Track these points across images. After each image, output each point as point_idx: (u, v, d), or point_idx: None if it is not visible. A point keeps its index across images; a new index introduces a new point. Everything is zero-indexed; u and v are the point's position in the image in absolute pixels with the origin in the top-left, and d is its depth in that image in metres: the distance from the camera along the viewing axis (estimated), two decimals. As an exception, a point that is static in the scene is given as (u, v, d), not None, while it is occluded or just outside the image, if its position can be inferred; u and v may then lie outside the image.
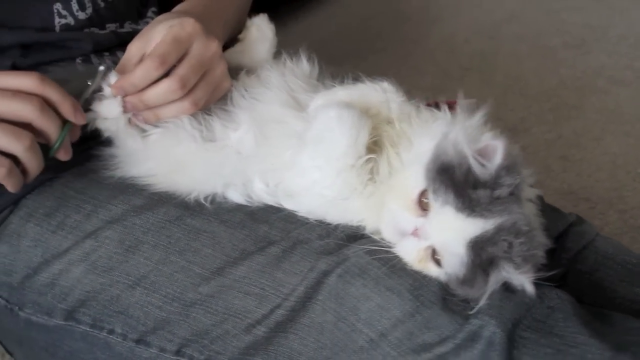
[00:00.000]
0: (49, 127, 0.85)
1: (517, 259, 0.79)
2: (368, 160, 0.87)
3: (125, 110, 0.93)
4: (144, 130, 0.97)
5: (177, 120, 0.95)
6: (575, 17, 2.69)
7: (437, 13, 2.84)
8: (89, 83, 0.93)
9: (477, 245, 0.79)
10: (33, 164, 0.86)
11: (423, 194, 0.82)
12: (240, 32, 1.14)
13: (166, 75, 0.92)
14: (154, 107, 0.94)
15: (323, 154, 0.86)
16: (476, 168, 0.79)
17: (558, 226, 0.99)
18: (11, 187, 0.85)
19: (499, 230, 0.78)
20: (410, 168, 0.85)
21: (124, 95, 0.92)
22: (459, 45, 2.50)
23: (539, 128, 1.90)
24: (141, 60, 0.93)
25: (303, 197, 0.90)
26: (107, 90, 0.92)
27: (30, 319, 0.97)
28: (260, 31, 1.10)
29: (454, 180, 0.80)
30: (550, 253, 0.94)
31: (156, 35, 0.93)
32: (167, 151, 0.95)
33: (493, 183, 0.79)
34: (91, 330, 0.94)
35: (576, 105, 2.05)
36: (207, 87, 0.95)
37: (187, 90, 0.93)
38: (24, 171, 0.87)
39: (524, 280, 0.78)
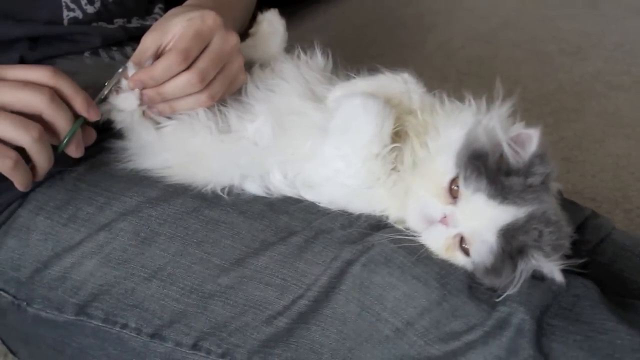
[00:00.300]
0: (59, 119, 0.83)
1: (547, 248, 0.78)
2: (392, 149, 0.86)
3: (141, 102, 0.92)
4: (157, 122, 0.96)
5: (191, 113, 0.94)
6: (571, 25, 2.70)
7: (432, 20, 2.84)
8: (105, 84, 0.91)
9: (508, 233, 0.78)
10: (42, 158, 0.83)
11: (454, 181, 0.81)
12: (247, 29, 1.14)
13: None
14: (171, 99, 0.92)
15: (348, 143, 0.85)
16: (510, 155, 0.79)
17: (576, 219, 0.98)
18: (19, 183, 0.83)
19: (530, 218, 0.78)
20: (440, 156, 0.84)
21: (142, 88, 0.91)
22: (455, 51, 2.50)
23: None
24: (157, 52, 0.92)
25: (324, 187, 0.89)
26: (124, 82, 0.91)
27: (39, 315, 0.95)
28: (272, 25, 1.09)
29: (487, 167, 0.79)
30: (573, 244, 0.94)
31: (173, 28, 0.91)
32: (183, 142, 0.94)
33: (526, 171, 0.79)
34: (103, 325, 0.92)
35: (576, 109, 2.05)
36: (225, 81, 0.94)
37: (207, 84, 0.92)
38: (32, 168, 0.85)
39: (554, 269, 0.78)
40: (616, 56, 2.39)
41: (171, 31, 0.91)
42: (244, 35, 1.14)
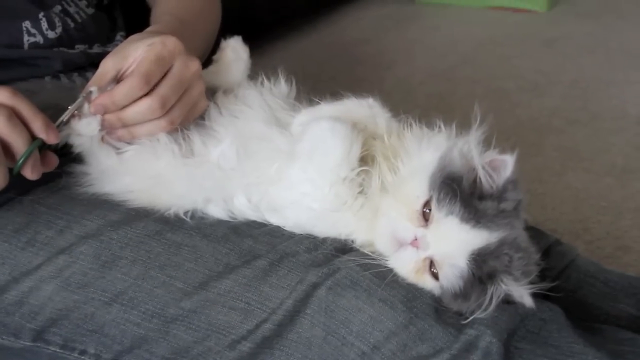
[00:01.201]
0: (16, 140, 0.81)
1: (517, 273, 0.79)
2: (359, 173, 0.86)
3: (102, 127, 0.90)
4: (117, 147, 0.94)
5: (152, 137, 0.93)
6: (527, 63, 2.76)
7: (391, 58, 2.87)
8: (68, 107, 0.89)
9: (479, 258, 0.78)
10: (0, 179, 0.81)
11: (426, 204, 0.81)
12: (210, 55, 1.14)
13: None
14: (131, 125, 0.91)
15: (316, 166, 0.85)
16: (484, 179, 0.79)
17: (541, 245, 0.98)
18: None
19: (501, 244, 0.79)
20: (413, 179, 0.84)
21: (103, 113, 0.89)
22: (414, 87, 2.53)
23: (500, 164, 1.90)
24: (117, 76, 0.90)
25: (289, 210, 0.88)
26: (86, 107, 0.89)
27: None
28: (236, 52, 1.09)
29: (461, 191, 0.79)
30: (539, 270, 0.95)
31: (133, 52, 0.90)
32: (145, 166, 0.93)
33: (499, 196, 0.80)
34: (61, 351, 0.90)
35: (535, 143, 2.08)
36: (185, 107, 0.93)
37: (166, 110, 0.91)
38: None
39: (523, 293, 0.78)
40: (572, 93, 2.44)
41: (131, 55, 0.90)
42: (207, 61, 1.14)
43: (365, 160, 0.89)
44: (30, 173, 0.84)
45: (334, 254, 0.85)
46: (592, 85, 2.50)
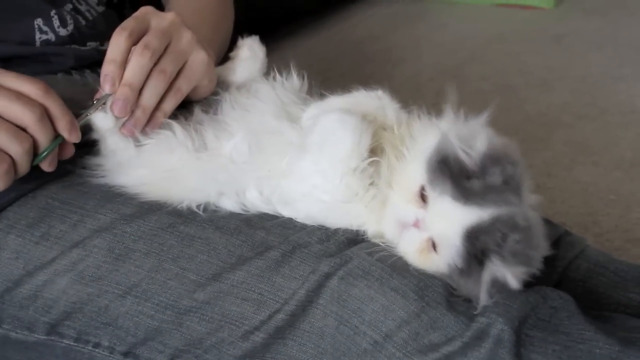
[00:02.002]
0: (42, 137, 0.84)
1: (507, 254, 0.78)
2: (370, 163, 0.86)
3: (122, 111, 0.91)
4: (136, 140, 0.95)
5: (168, 131, 0.94)
6: (535, 60, 2.76)
7: (399, 55, 2.88)
8: (87, 114, 0.91)
9: (473, 235, 0.78)
10: (23, 168, 0.84)
11: (424, 187, 0.82)
12: (227, 52, 1.15)
13: None
14: (139, 93, 0.92)
15: (326, 158, 0.86)
16: (463, 157, 0.79)
17: (551, 235, 0.99)
18: (3, 186, 0.84)
19: (495, 220, 0.78)
20: (413, 162, 0.85)
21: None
22: (423, 84, 2.53)
23: (509, 159, 1.90)
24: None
25: (301, 203, 0.89)
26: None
27: (8, 336, 0.93)
28: (252, 50, 1.11)
29: (451, 171, 0.80)
30: (547, 260, 0.95)
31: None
32: (160, 159, 0.93)
33: (481, 172, 0.79)
34: (75, 344, 0.91)
35: (544, 138, 2.08)
36: (174, 55, 0.94)
37: (154, 56, 0.92)
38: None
39: (507, 274, 0.77)
40: (581, 88, 2.44)
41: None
42: (224, 59, 1.15)
43: (375, 151, 0.89)
44: (47, 166, 0.87)
45: (346, 245, 0.85)
46: (601, 80, 2.50)
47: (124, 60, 0.90)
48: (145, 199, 0.93)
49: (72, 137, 0.87)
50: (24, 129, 0.83)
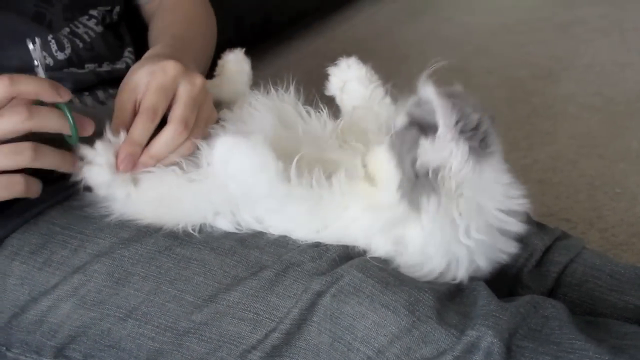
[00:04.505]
0: (48, 122, 0.85)
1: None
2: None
3: (135, 170, 0.92)
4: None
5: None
6: (541, 50, 2.75)
7: (404, 52, 2.88)
8: (35, 64, 0.92)
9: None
10: (50, 163, 0.87)
11: None
12: (210, 70, 1.16)
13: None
14: (163, 158, 0.93)
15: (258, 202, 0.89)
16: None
17: (545, 240, 1.00)
18: (34, 194, 0.88)
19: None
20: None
21: (133, 164, 0.92)
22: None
23: (515, 154, 1.93)
24: (134, 109, 0.94)
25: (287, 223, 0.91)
26: (100, 159, 0.91)
27: None
28: (238, 64, 1.11)
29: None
30: (541, 264, 0.96)
31: (140, 81, 0.93)
32: (154, 192, 0.94)
33: None
34: None
35: (549, 132, 2.09)
36: (203, 122, 0.96)
37: (190, 130, 0.93)
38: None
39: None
40: (587, 78, 2.44)
41: (140, 84, 0.93)
42: (208, 76, 1.16)
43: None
44: (88, 129, 0.89)
45: (337, 262, 0.86)
46: (607, 68, 2.50)
47: (143, 139, 0.92)
48: (142, 223, 0.94)
49: (63, 95, 0.85)
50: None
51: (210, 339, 0.87)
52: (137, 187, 0.94)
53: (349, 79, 1.03)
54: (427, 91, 0.82)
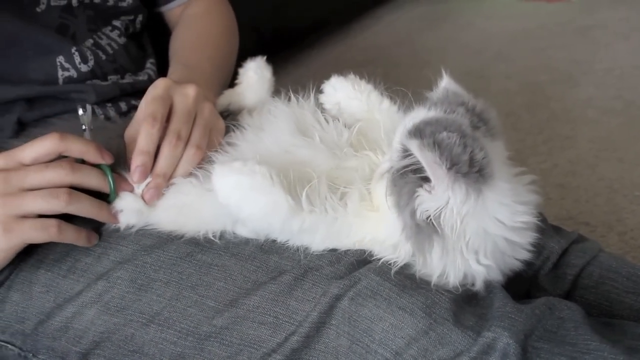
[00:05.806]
0: (89, 179, 0.91)
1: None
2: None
3: (154, 196, 0.95)
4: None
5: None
6: (561, 54, 2.75)
7: (425, 58, 2.89)
8: (83, 128, 0.96)
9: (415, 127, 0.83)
10: (85, 211, 0.91)
11: None
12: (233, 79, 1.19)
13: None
14: (170, 173, 0.96)
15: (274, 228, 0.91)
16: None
17: (561, 243, 1.00)
18: (75, 241, 0.93)
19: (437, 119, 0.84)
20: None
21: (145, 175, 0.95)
22: (449, 87, 2.53)
23: (535, 159, 1.93)
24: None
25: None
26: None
27: None
28: (259, 73, 1.13)
29: None
30: (558, 267, 0.96)
31: (141, 110, 0.98)
32: (172, 203, 0.96)
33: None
34: None
35: (569, 136, 2.08)
36: (202, 129, 0.98)
37: (186, 139, 0.96)
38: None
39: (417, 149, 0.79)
40: (607, 81, 2.43)
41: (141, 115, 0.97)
42: (230, 85, 1.18)
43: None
44: (127, 189, 0.95)
45: (355, 266, 0.88)
46: (627, 71, 2.49)
47: (155, 149, 0.95)
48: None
49: (106, 158, 0.91)
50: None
51: (231, 343, 0.88)
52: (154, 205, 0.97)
53: (340, 100, 1.04)
54: (412, 147, 0.80)
